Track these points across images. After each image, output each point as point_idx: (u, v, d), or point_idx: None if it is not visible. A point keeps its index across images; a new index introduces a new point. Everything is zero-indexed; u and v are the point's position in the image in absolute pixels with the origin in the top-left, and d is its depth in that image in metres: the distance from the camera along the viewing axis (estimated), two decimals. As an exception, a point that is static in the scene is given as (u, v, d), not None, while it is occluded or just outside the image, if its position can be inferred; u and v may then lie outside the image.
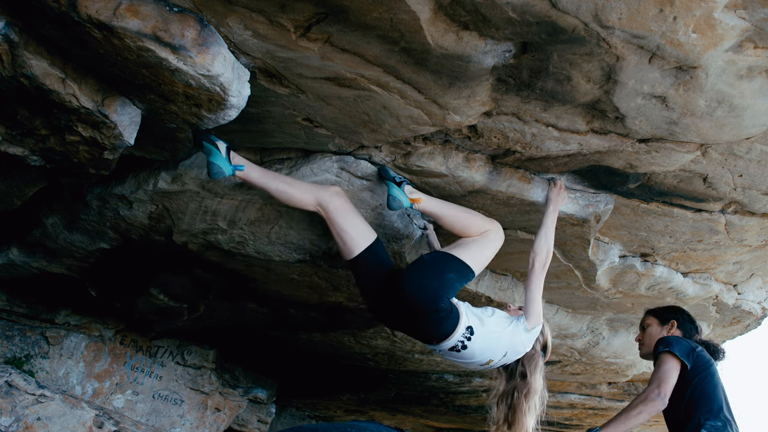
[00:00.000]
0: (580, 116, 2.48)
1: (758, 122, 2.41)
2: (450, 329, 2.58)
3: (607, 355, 5.07)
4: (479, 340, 2.61)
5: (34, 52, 2.00)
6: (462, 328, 2.59)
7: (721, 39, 1.99)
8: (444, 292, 2.57)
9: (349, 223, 2.67)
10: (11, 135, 2.30)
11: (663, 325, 2.81)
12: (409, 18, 1.95)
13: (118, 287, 4.03)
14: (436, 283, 2.55)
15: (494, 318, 2.69)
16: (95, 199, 3.05)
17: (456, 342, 2.60)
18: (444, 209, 2.80)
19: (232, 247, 3.28)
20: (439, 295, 2.55)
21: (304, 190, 2.67)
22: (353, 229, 2.68)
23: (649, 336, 2.83)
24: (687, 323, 2.81)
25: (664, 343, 2.63)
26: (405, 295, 2.54)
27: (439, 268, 2.60)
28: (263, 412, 6.18)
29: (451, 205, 2.84)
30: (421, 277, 2.56)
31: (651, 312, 2.94)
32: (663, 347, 2.61)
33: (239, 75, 2.18)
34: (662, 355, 2.59)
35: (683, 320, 2.82)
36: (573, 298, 4.16)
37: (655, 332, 2.81)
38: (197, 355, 5.31)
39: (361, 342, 4.86)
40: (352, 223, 2.68)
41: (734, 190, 2.93)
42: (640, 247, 3.61)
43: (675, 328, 2.78)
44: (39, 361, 4.48)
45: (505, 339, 2.65)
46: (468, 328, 2.60)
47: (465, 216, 2.80)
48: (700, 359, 2.57)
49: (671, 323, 2.79)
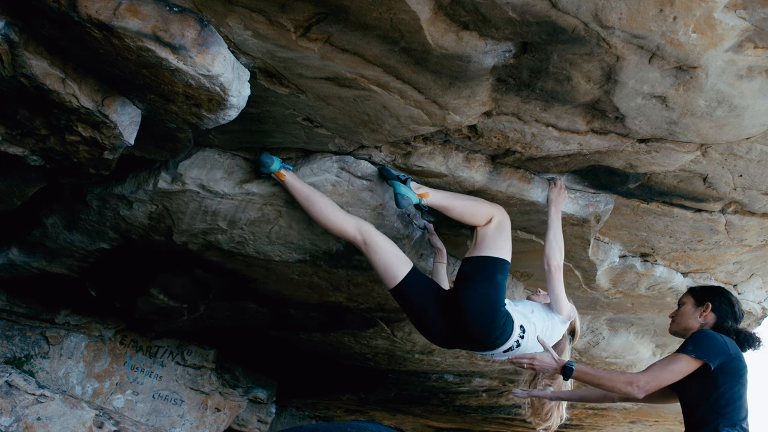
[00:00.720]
0: (580, 116, 2.48)
1: (758, 122, 2.41)
2: (508, 333, 2.67)
3: (607, 355, 5.07)
4: (531, 337, 2.70)
5: (34, 52, 2.00)
6: (517, 330, 2.68)
7: (721, 39, 1.99)
8: (501, 297, 2.66)
9: (390, 251, 2.81)
10: (11, 135, 2.30)
11: (698, 306, 2.61)
12: (409, 18, 1.95)
13: (118, 287, 4.03)
14: (492, 292, 2.63)
15: (536, 314, 2.78)
16: (95, 199, 3.05)
17: (512, 343, 2.69)
18: (452, 200, 2.84)
19: (232, 247, 3.28)
20: (498, 301, 2.64)
21: (345, 217, 2.82)
22: (393, 256, 2.80)
23: (681, 315, 2.65)
24: (725, 307, 2.58)
25: (697, 344, 2.38)
26: (467, 314, 2.62)
27: (487, 275, 2.67)
28: (263, 412, 6.18)
29: (457, 195, 2.88)
30: (476, 293, 2.62)
31: (691, 290, 2.74)
32: (691, 348, 2.37)
33: (239, 75, 2.18)
34: (681, 355, 2.37)
35: (720, 304, 2.59)
36: (573, 298, 4.15)
37: (689, 312, 2.62)
38: (197, 355, 5.31)
39: (361, 342, 4.86)
40: (391, 251, 2.81)
41: (734, 190, 2.93)
42: (640, 247, 3.61)
43: (710, 311, 2.57)
44: (39, 361, 4.48)
45: (548, 331, 2.77)
46: (521, 327, 2.69)
47: (472, 204, 2.85)
48: (735, 365, 2.38)
49: (706, 306, 2.58)
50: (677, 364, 2.36)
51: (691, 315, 2.61)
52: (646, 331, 4.93)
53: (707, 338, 2.41)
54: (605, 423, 7.34)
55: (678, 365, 2.36)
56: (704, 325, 2.56)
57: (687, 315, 2.63)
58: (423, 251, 3.45)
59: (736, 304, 2.62)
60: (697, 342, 2.40)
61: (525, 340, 2.71)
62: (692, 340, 2.43)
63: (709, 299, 2.61)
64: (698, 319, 2.58)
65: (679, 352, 2.40)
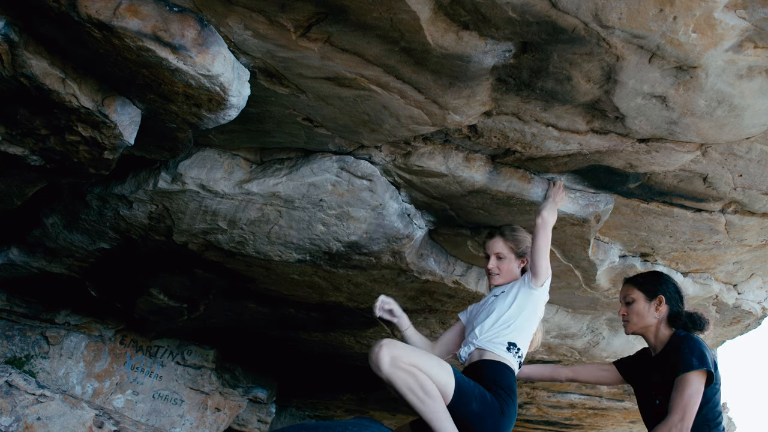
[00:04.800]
0: (580, 116, 2.48)
1: (758, 122, 2.41)
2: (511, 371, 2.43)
3: (607, 354, 5.07)
4: (525, 340, 2.50)
5: (34, 52, 2.00)
6: (513, 358, 2.44)
7: (721, 39, 1.99)
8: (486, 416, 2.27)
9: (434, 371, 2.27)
10: (11, 135, 2.30)
11: (650, 300, 2.50)
12: (409, 18, 1.95)
13: (118, 287, 4.03)
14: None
15: (510, 312, 2.51)
16: (95, 199, 3.05)
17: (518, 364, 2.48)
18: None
19: (232, 247, 3.28)
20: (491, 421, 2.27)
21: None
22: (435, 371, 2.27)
23: (636, 313, 2.52)
24: (674, 294, 2.51)
25: (695, 356, 2.25)
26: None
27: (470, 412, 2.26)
28: (263, 411, 6.18)
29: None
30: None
31: (632, 282, 2.60)
32: (695, 363, 2.23)
33: (239, 75, 2.18)
34: (691, 376, 2.22)
35: (669, 293, 2.51)
36: (573, 298, 4.16)
37: (643, 309, 2.50)
38: (197, 355, 5.31)
39: (361, 342, 4.86)
40: (434, 369, 2.28)
41: (734, 189, 2.93)
42: (640, 247, 3.61)
43: (663, 303, 2.48)
44: (39, 361, 4.48)
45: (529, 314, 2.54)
46: (512, 347, 2.45)
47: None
48: (716, 370, 2.29)
49: (659, 299, 2.49)
50: (695, 384, 2.23)
51: (647, 312, 2.50)
52: (646, 330, 4.93)
53: (698, 345, 2.32)
54: (605, 423, 7.34)
55: (696, 385, 2.23)
56: (660, 320, 2.48)
57: (642, 313, 2.51)
58: (423, 251, 3.45)
59: (679, 286, 2.54)
60: (695, 352, 2.28)
61: (524, 349, 2.49)
62: (689, 351, 2.29)
63: (660, 291, 2.51)
64: (654, 314, 2.49)
65: (686, 372, 2.25)
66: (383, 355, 2.13)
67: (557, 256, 3.50)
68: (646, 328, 2.52)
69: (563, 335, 4.67)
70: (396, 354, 2.15)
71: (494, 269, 2.69)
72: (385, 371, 2.13)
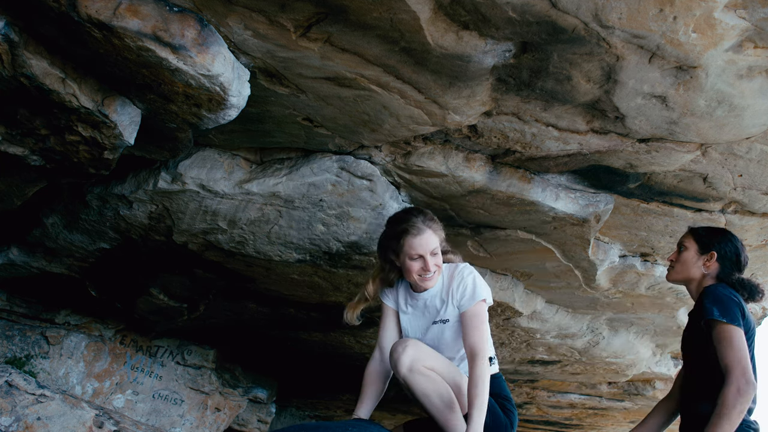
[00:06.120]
0: (580, 116, 2.48)
1: (758, 122, 2.41)
2: (504, 380, 2.39)
3: (607, 354, 5.07)
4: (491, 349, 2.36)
5: (34, 52, 2.00)
6: (495, 367, 2.34)
7: (721, 39, 1.99)
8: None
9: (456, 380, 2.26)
10: (11, 135, 2.30)
11: (701, 254, 2.38)
12: (409, 18, 1.95)
13: (118, 287, 4.03)
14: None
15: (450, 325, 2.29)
16: (95, 199, 3.05)
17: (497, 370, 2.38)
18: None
19: (232, 247, 3.28)
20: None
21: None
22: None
23: (683, 262, 2.42)
24: (728, 256, 2.37)
25: (719, 308, 2.17)
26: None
27: None
28: (263, 411, 6.18)
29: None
30: None
31: (692, 231, 2.48)
32: (720, 315, 2.15)
33: (239, 75, 2.18)
34: (724, 328, 2.13)
35: (725, 252, 2.38)
36: (573, 298, 4.16)
37: (691, 260, 2.39)
38: (197, 355, 5.31)
39: (361, 342, 4.86)
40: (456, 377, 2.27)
41: (734, 189, 2.93)
42: (640, 247, 3.61)
43: (714, 261, 2.36)
44: (39, 361, 4.48)
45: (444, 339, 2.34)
46: (491, 360, 2.31)
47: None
48: (747, 323, 2.20)
49: (710, 255, 2.36)
50: (737, 336, 2.14)
51: (694, 263, 2.39)
52: (646, 330, 4.93)
53: (730, 301, 2.21)
54: (605, 423, 7.34)
55: (737, 336, 2.14)
56: (707, 275, 2.37)
57: (689, 263, 2.40)
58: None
59: (742, 251, 2.41)
60: (726, 307, 2.18)
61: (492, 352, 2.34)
62: (717, 303, 2.20)
63: (715, 247, 2.38)
64: (701, 269, 2.38)
65: (726, 323, 2.15)
66: (405, 358, 2.08)
67: (557, 256, 3.50)
68: (688, 279, 2.42)
69: (563, 335, 4.67)
70: (417, 357, 2.10)
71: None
72: (403, 374, 2.10)
